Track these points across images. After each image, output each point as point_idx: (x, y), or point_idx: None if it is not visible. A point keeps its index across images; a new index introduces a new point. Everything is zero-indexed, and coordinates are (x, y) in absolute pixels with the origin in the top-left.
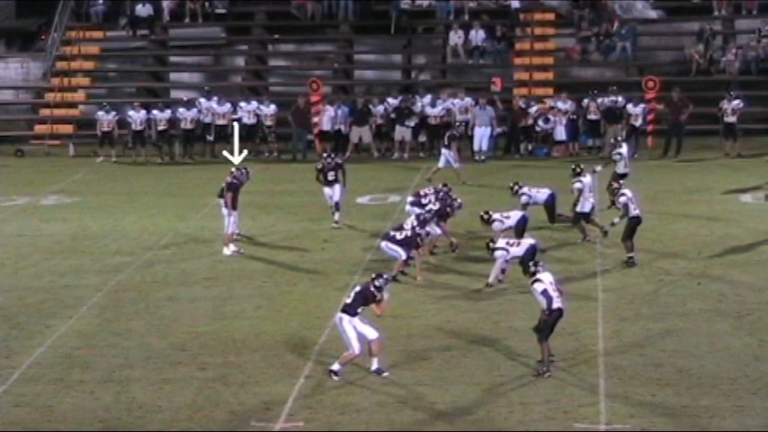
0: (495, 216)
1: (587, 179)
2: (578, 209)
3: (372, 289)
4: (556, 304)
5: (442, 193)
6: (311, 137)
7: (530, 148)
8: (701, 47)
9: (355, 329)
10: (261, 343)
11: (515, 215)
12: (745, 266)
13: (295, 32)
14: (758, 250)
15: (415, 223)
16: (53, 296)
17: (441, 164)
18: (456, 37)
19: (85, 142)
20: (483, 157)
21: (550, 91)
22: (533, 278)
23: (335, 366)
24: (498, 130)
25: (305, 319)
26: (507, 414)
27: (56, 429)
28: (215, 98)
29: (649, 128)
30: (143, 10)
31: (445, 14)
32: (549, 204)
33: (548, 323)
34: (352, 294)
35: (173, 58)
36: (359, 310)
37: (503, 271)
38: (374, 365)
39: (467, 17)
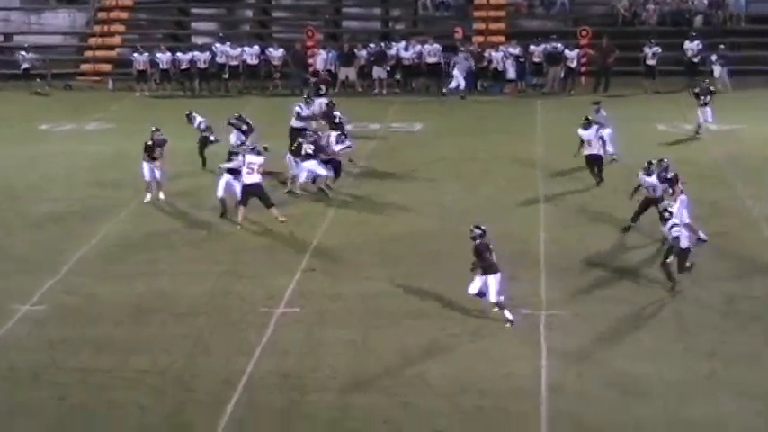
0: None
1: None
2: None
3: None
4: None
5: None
6: (307, 75)
7: (485, 85)
8: (625, 2)
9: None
10: (265, 242)
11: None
12: None
13: None
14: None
15: (334, 141)
16: (96, 205)
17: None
18: None
19: (121, 79)
20: (463, 95)
21: (503, 39)
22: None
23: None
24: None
25: (302, 222)
26: (466, 302)
27: (98, 312)
28: (228, 43)
29: (582, 69)
30: None
31: None
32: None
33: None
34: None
35: (193, 10)
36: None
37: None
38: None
39: None
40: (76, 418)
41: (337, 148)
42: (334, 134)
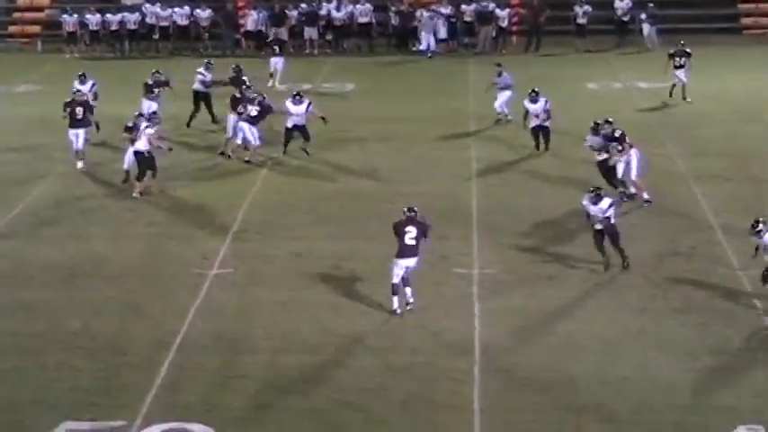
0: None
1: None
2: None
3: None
4: None
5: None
6: (238, 36)
7: (416, 44)
8: None
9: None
10: (197, 205)
11: None
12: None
13: None
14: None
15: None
16: (26, 167)
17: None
18: None
19: (50, 41)
20: (430, 54)
21: None
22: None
23: None
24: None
25: (233, 185)
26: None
27: (30, 276)
28: (158, 4)
29: (514, 29)
30: None
31: None
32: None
33: None
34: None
35: None
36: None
37: None
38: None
39: None
40: (10, 381)
41: (300, 109)
42: (289, 98)
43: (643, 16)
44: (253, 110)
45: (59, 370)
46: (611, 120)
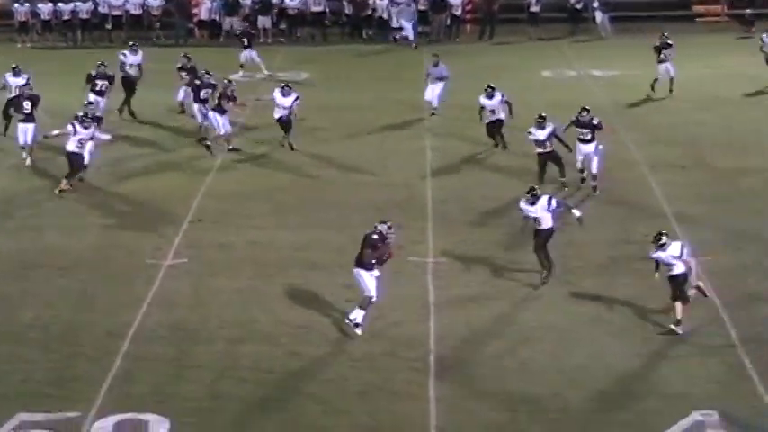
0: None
1: None
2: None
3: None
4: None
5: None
6: (191, 25)
7: (370, 33)
8: None
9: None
10: (151, 195)
11: None
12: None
13: None
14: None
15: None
16: None
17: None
18: None
19: (1, 31)
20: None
21: None
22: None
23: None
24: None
25: (188, 175)
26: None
27: None
28: None
29: (468, 17)
30: None
31: None
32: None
33: None
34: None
35: None
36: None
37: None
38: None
39: None
40: None
41: (287, 101)
42: (278, 89)
43: (596, 4)
44: (224, 103)
45: (12, 362)
46: (588, 108)
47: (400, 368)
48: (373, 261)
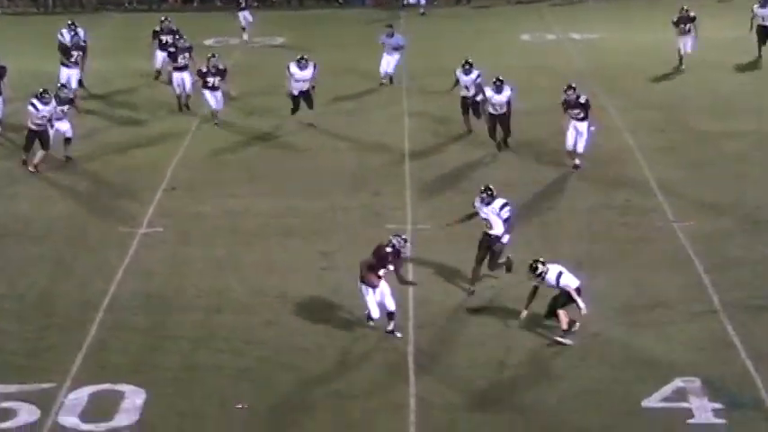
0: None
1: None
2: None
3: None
4: None
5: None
6: None
7: None
8: None
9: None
10: (125, 163)
11: None
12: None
13: None
14: (534, 79)
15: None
16: None
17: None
18: None
19: None
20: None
21: None
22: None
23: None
24: None
25: (162, 144)
26: (330, 219)
27: None
28: None
29: None
30: None
31: None
32: None
33: None
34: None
35: None
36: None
37: None
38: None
39: None
40: None
41: (306, 74)
42: (294, 62)
43: None
44: (214, 80)
45: None
46: (574, 85)
47: (376, 336)
48: (379, 275)
